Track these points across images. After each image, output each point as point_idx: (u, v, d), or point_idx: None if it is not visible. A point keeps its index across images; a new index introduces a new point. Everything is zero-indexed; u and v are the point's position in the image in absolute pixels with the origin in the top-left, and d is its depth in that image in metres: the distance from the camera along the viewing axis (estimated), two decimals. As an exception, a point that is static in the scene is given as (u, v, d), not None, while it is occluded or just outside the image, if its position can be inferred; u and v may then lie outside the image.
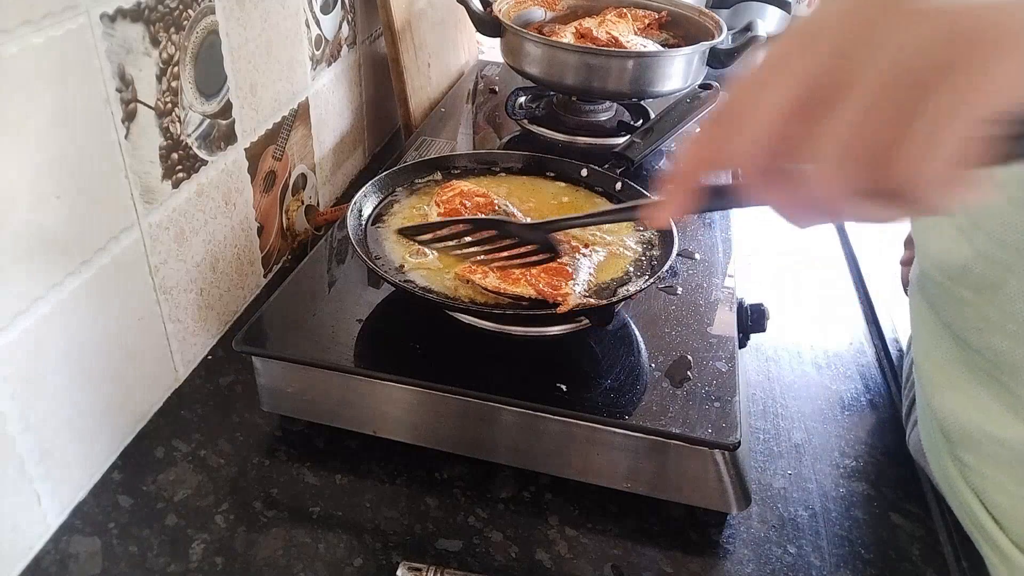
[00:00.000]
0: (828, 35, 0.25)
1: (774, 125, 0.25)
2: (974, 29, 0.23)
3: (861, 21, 0.24)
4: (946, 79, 0.23)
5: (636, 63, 0.90)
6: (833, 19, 0.25)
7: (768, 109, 0.25)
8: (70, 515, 0.55)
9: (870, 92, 0.24)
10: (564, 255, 0.59)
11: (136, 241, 0.57)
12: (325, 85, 0.88)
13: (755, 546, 0.55)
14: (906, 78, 0.23)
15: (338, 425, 0.60)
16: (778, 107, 0.25)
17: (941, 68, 0.23)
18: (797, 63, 0.25)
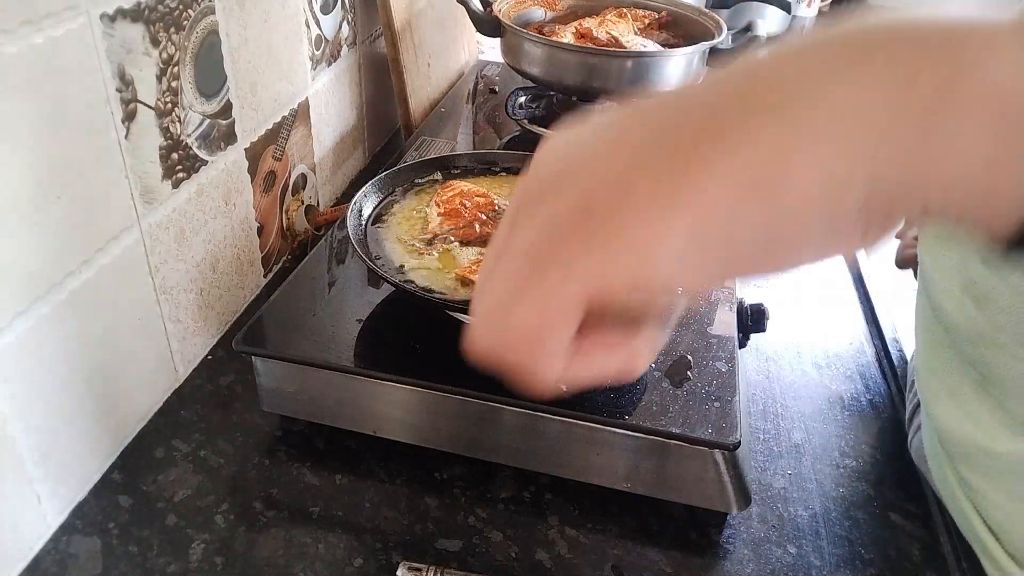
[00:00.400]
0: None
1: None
2: (606, 205, 0.20)
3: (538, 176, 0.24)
4: (560, 256, 0.21)
5: (636, 63, 0.90)
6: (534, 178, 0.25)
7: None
8: (70, 515, 0.55)
9: (512, 254, 0.23)
10: None
11: (136, 241, 0.57)
12: (325, 85, 0.88)
13: (755, 546, 0.55)
14: (537, 245, 0.22)
15: (338, 425, 0.60)
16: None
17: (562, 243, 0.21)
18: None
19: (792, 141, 0.18)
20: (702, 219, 0.19)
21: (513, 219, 0.23)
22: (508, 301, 0.23)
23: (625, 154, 0.20)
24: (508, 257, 0.23)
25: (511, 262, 0.23)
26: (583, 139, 0.23)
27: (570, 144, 0.24)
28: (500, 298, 0.24)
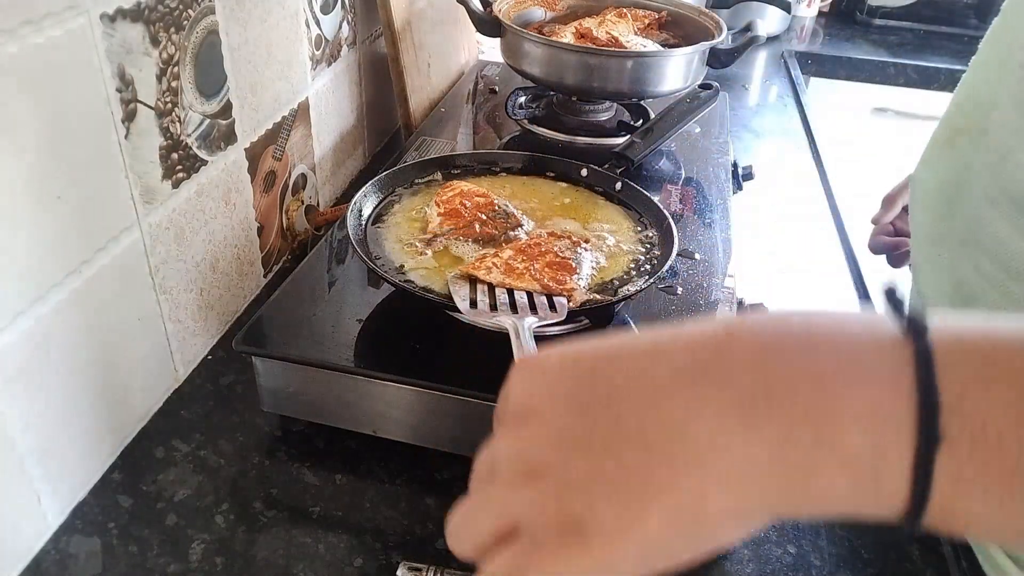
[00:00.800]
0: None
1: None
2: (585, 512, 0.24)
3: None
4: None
5: (636, 63, 0.90)
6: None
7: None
8: (70, 515, 0.55)
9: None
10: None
11: (136, 241, 0.57)
12: (325, 85, 0.88)
13: (755, 546, 0.55)
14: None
15: (338, 425, 0.60)
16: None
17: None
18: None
19: (707, 489, 0.23)
20: (648, 543, 0.23)
21: (495, 461, 0.27)
22: (461, 524, 0.27)
23: (582, 465, 0.24)
24: (484, 506, 0.27)
25: (487, 488, 0.27)
26: (548, 414, 0.26)
27: (533, 405, 0.26)
28: (459, 518, 0.27)
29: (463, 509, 0.27)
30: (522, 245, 0.61)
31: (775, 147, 1.21)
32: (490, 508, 0.26)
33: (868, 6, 1.87)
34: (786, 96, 1.40)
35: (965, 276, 0.50)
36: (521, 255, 0.60)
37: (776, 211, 1.02)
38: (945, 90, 1.65)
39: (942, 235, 0.54)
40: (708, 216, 0.81)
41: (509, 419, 0.26)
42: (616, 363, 0.25)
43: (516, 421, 0.26)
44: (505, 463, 0.26)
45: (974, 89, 0.54)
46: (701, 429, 0.23)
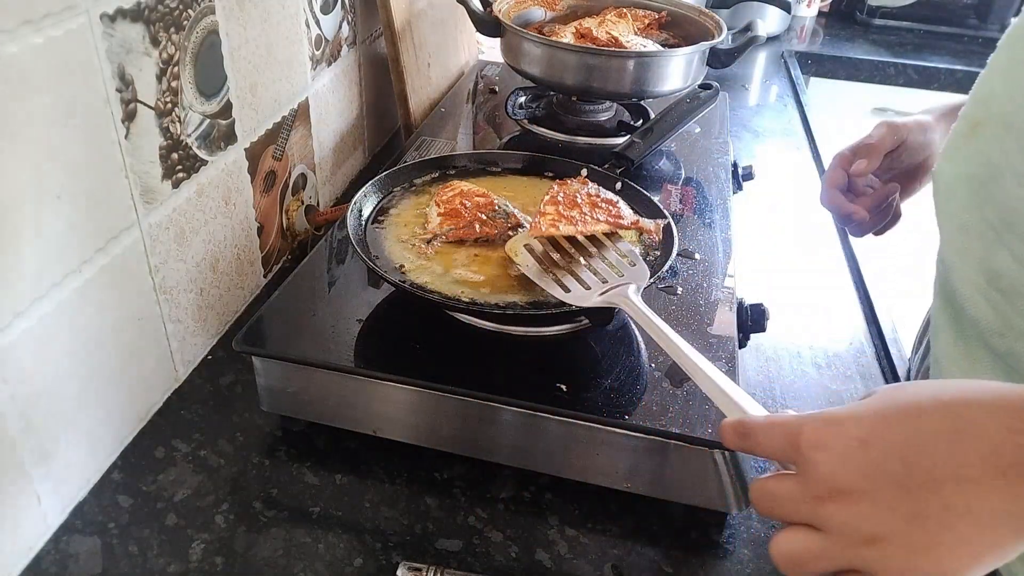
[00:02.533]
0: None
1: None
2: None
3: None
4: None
5: (636, 63, 0.90)
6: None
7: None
8: (70, 515, 0.55)
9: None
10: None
11: (136, 241, 0.57)
12: (325, 85, 0.88)
13: (755, 546, 0.55)
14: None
15: (338, 425, 0.60)
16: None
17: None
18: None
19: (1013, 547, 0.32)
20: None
21: (811, 498, 0.34)
22: (801, 562, 0.34)
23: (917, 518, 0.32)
24: (825, 533, 0.34)
25: (826, 540, 0.34)
26: (868, 464, 0.33)
27: (853, 461, 0.33)
28: (798, 555, 0.34)
29: (796, 549, 0.34)
30: (553, 198, 0.63)
31: (775, 147, 1.21)
32: (836, 559, 0.33)
33: (868, 6, 1.87)
34: (786, 96, 1.40)
35: (1001, 266, 0.51)
36: (564, 205, 0.62)
37: (776, 211, 1.02)
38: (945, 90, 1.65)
39: (972, 225, 0.54)
40: (708, 216, 0.81)
41: (828, 491, 0.33)
42: (926, 450, 0.32)
43: (839, 494, 0.33)
44: (843, 528, 0.33)
45: (993, 83, 0.55)
46: (1015, 507, 0.31)
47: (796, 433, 0.35)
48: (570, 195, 0.63)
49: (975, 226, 0.54)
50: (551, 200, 0.63)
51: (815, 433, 0.34)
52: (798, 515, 0.34)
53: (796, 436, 0.35)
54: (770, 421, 0.37)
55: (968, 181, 0.55)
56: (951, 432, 0.32)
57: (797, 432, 0.35)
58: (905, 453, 0.32)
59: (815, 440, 0.34)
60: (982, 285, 0.53)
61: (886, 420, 0.34)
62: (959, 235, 0.56)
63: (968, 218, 0.55)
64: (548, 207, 0.62)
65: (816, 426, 0.35)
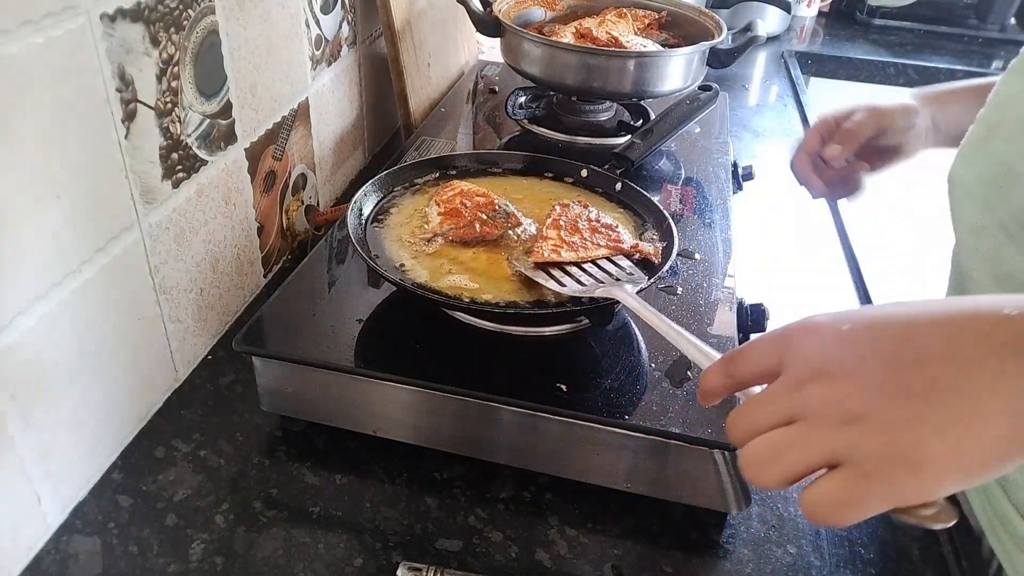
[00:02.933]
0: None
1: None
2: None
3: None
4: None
5: (636, 63, 0.90)
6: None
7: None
8: (70, 515, 0.55)
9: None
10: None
11: (136, 241, 0.57)
12: (325, 85, 0.88)
13: (755, 546, 0.55)
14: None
15: (338, 425, 0.60)
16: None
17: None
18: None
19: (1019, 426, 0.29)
20: (968, 469, 0.30)
21: (792, 385, 0.33)
22: (772, 457, 0.32)
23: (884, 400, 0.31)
24: (802, 421, 0.32)
25: (802, 425, 0.32)
26: (842, 353, 0.32)
27: (829, 345, 0.33)
28: (767, 451, 0.32)
29: (769, 446, 0.32)
30: (556, 223, 0.64)
31: (775, 147, 1.21)
32: (813, 445, 0.31)
33: (868, 6, 1.87)
34: (786, 96, 1.40)
35: (1014, 268, 0.51)
36: (566, 231, 0.63)
37: (776, 211, 1.02)
38: (945, 90, 1.64)
39: (985, 227, 0.54)
40: (708, 216, 0.81)
41: (809, 375, 0.32)
42: (919, 334, 0.31)
43: (820, 375, 0.32)
44: (822, 408, 0.31)
45: (1010, 87, 0.55)
46: (1006, 385, 0.29)
47: (784, 331, 0.34)
48: (571, 219, 0.64)
49: (989, 228, 0.54)
50: (553, 224, 0.64)
51: (804, 325, 0.34)
52: (778, 411, 0.33)
53: (785, 333, 0.34)
54: (758, 337, 0.36)
55: (983, 184, 0.55)
56: (945, 317, 0.31)
57: (785, 330, 0.35)
58: (897, 333, 0.31)
59: (804, 329, 0.34)
60: (994, 287, 0.53)
61: (881, 311, 0.33)
62: (973, 237, 0.56)
63: (982, 220, 0.55)
64: (550, 231, 0.63)
65: (806, 321, 0.34)
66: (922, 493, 0.30)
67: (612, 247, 0.61)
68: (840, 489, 0.30)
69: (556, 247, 0.61)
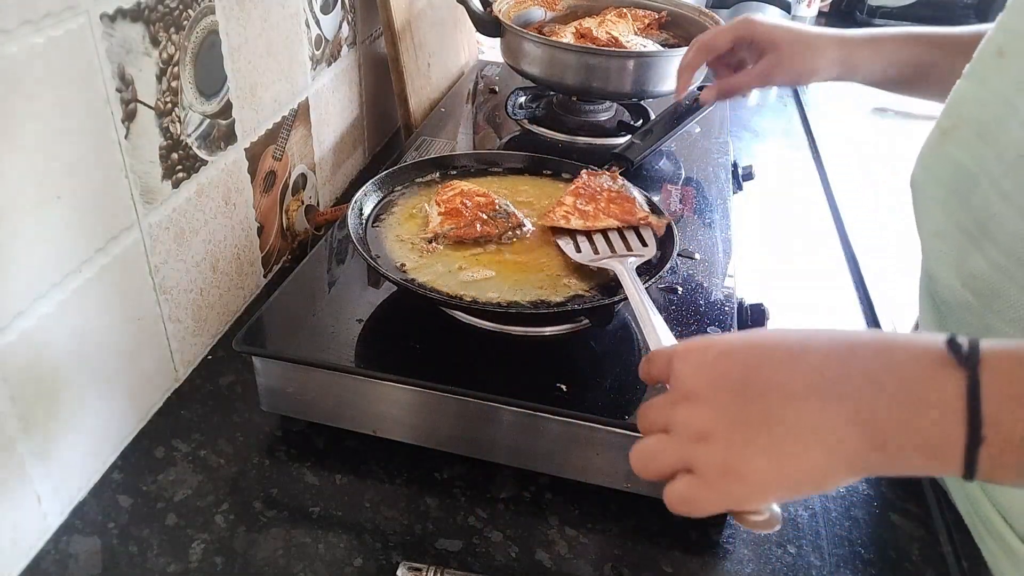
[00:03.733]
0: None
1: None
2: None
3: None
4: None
5: (636, 63, 0.90)
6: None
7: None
8: (70, 515, 0.55)
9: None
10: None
11: (136, 241, 0.57)
12: (325, 85, 0.88)
13: (755, 546, 0.55)
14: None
15: (338, 425, 0.60)
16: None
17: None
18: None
19: (823, 458, 0.34)
20: (782, 484, 0.36)
21: (669, 400, 0.39)
22: (648, 457, 0.39)
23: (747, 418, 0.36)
24: (670, 433, 0.38)
25: (669, 438, 0.38)
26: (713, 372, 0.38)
27: (706, 368, 0.38)
28: (645, 453, 0.39)
29: (647, 449, 0.39)
30: (577, 190, 0.67)
31: (775, 147, 1.21)
32: (672, 454, 0.37)
33: (868, 6, 1.87)
34: (786, 96, 1.40)
35: (977, 270, 0.51)
36: (583, 199, 0.66)
37: (776, 211, 1.02)
38: (945, 90, 1.64)
39: (947, 230, 0.54)
40: (708, 216, 0.81)
41: (681, 395, 0.38)
42: (764, 367, 0.36)
43: (688, 397, 0.37)
44: (683, 426, 0.37)
45: (964, 90, 0.55)
46: (823, 423, 0.34)
47: (672, 349, 0.40)
48: (593, 189, 0.67)
49: (950, 231, 0.54)
50: (574, 191, 0.67)
51: (685, 349, 0.39)
52: (658, 420, 0.39)
53: (672, 351, 0.40)
54: (661, 347, 0.43)
55: (942, 187, 0.55)
56: (791, 354, 0.36)
57: (673, 348, 0.40)
58: (749, 366, 0.37)
59: (684, 352, 0.39)
60: (960, 290, 0.53)
61: (748, 342, 0.38)
62: (936, 240, 0.57)
63: (944, 224, 0.55)
64: (568, 197, 0.66)
65: (690, 344, 0.40)
66: (750, 501, 0.36)
67: (622, 219, 0.64)
68: (686, 490, 0.37)
69: (568, 214, 0.64)
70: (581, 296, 0.59)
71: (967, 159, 0.53)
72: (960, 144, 0.54)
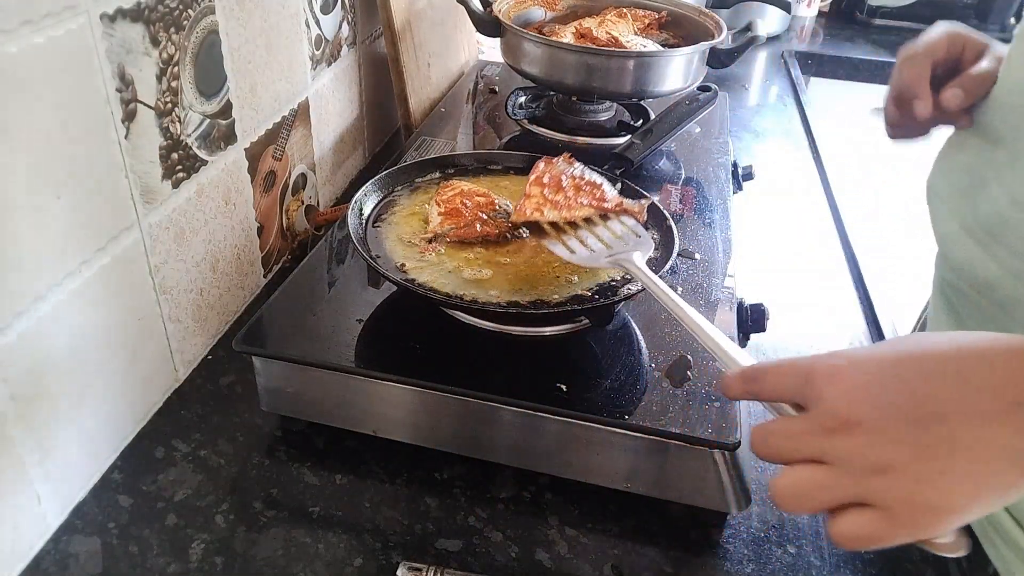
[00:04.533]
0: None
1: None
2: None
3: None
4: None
5: (636, 63, 0.90)
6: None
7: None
8: (70, 515, 0.55)
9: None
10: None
11: (136, 241, 0.57)
12: (325, 85, 0.88)
13: (755, 546, 0.55)
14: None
15: (338, 425, 0.60)
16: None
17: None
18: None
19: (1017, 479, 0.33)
20: (979, 514, 0.33)
21: (819, 430, 0.35)
22: (804, 495, 0.35)
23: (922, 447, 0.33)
24: (831, 465, 0.34)
25: (833, 471, 0.34)
26: (871, 397, 0.34)
27: (859, 393, 0.34)
28: (799, 489, 0.35)
29: (801, 483, 0.35)
30: (540, 180, 0.62)
31: (775, 147, 1.21)
32: (842, 490, 0.34)
33: (868, 6, 1.87)
34: (786, 96, 1.40)
35: (991, 275, 0.51)
36: (549, 188, 0.61)
37: (776, 211, 1.02)
38: (945, 90, 1.64)
39: (957, 235, 0.54)
40: (708, 216, 0.81)
41: (838, 423, 0.34)
42: (930, 386, 0.33)
43: (847, 426, 0.34)
44: (850, 458, 0.33)
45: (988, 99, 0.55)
46: (1014, 441, 0.32)
47: (809, 369, 0.36)
48: (555, 176, 0.62)
49: (960, 236, 0.54)
50: (536, 181, 0.62)
51: (829, 368, 0.35)
52: (805, 450, 0.35)
53: (809, 371, 0.36)
54: (780, 362, 0.38)
55: (956, 191, 0.55)
56: (960, 369, 0.33)
57: (810, 368, 0.36)
58: (915, 388, 0.33)
59: (828, 374, 0.35)
60: (976, 296, 0.53)
61: (899, 358, 0.35)
62: (948, 245, 0.56)
63: (954, 228, 0.55)
64: (533, 188, 0.61)
65: (831, 361, 0.35)
66: (942, 531, 0.33)
67: (596, 206, 0.60)
68: (869, 526, 0.33)
69: (539, 206, 0.60)
70: (581, 296, 0.59)
71: (979, 163, 0.53)
72: (974, 149, 0.54)
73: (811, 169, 1.14)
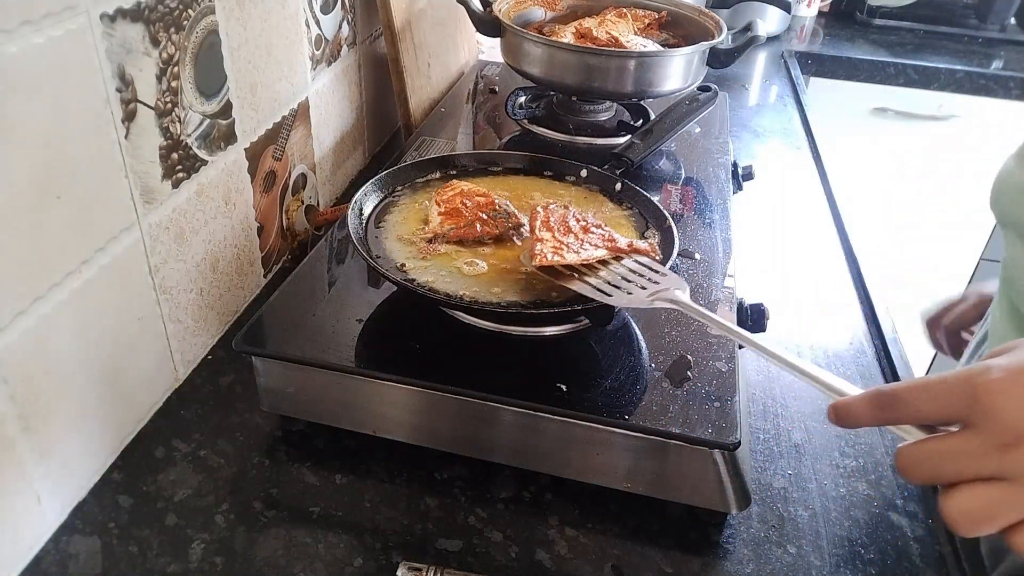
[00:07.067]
0: None
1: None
2: None
3: None
4: None
5: (636, 63, 0.90)
6: None
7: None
8: (70, 515, 0.55)
9: None
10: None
11: (136, 241, 0.57)
12: (325, 85, 0.88)
13: (755, 546, 0.55)
14: None
15: (338, 425, 0.60)
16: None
17: None
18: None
19: None
20: None
21: (994, 447, 0.33)
22: (987, 517, 0.34)
23: None
24: (1013, 482, 0.33)
25: (1011, 489, 0.33)
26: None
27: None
28: (981, 511, 0.34)
29: (979, 504, 0.34)
30: (547, 223, 0.61)
31: (775, 147, 1.21)
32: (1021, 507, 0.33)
33: (868, 6, 1.87)
34: (786, 96, 1.40)
35: None
36: (560, 231, 0.60)
37: (776, 211, 1.02)
38: (945, 90, 1.65)
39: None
40: (708, 216, 0.81)
41: (1013, 438, 0.32)
42: None
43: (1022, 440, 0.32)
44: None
45: None
46: None
47: (971, 384, 0.34)
48: (559, 220, 0.61)
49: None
50: (544, 224, 0.61)
51: (995, 381, 0.33)
52: (978, 469, 0.33)
53: (971, 386, 0.34)
54: (924, 382, 0.36)
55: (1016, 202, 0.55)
56: None
57: (971, 383, 0.34)
58: None
59: (997, 387, 0.33)
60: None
61: None
62: (1019, 241, 0.56)
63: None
64: (544, 232, 0.60)
65: (994, 375, 0.33)
66: None
67: (609, 247, 0.59)
68: None
69: (557, 249, 0.58)
70: (581, 296, 0.59)
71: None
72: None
73: (811, 169, 1.14)
